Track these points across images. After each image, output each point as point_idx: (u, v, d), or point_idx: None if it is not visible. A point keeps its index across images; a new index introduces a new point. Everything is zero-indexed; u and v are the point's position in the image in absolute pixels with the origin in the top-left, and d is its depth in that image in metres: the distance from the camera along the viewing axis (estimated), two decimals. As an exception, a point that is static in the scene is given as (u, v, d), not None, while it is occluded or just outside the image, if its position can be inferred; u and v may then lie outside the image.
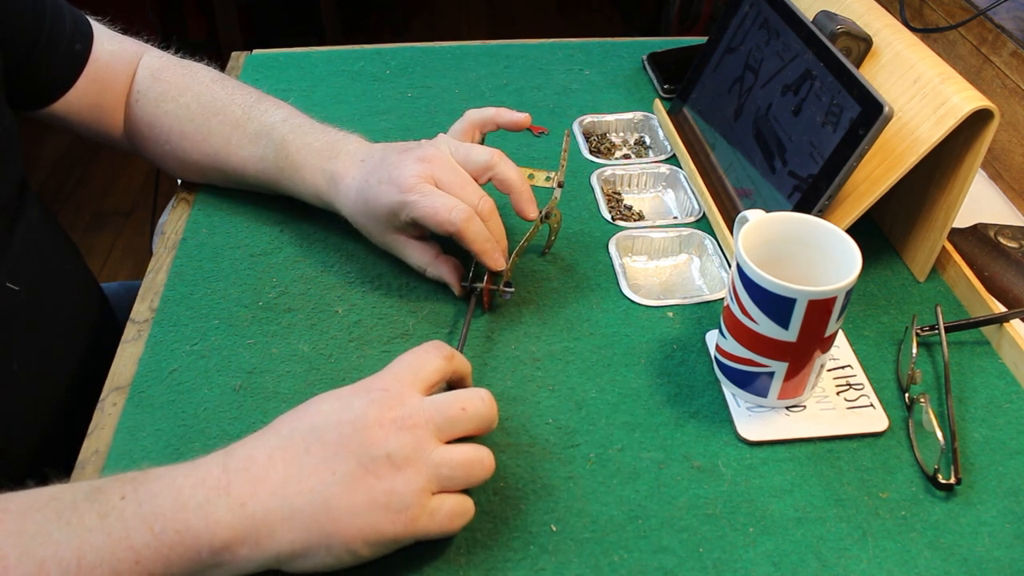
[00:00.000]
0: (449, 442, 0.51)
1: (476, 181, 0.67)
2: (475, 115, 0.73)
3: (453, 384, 0.56)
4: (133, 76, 0.78)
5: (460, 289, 0.69)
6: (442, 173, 0.65)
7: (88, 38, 0.75)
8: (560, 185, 0.72)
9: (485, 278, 0.68)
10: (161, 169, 0.81)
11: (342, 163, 0.69)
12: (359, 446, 0.47)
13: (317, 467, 0.47)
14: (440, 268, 0.69)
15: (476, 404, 0.51)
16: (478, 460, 0.50)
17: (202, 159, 0.76)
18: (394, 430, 0.48)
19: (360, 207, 0.68)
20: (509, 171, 0.67)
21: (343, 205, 0.70)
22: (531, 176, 0.73)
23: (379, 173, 0.66)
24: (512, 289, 0.69)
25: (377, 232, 0.69)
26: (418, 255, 0.69)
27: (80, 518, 0.44)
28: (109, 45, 0.77)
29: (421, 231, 0.68)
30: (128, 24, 0.83)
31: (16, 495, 0.46)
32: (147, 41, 0.82)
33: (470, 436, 0.52)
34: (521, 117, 0.72)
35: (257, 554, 0.46)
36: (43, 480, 0.48)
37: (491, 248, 0.65)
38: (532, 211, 0.68)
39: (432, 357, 0.53)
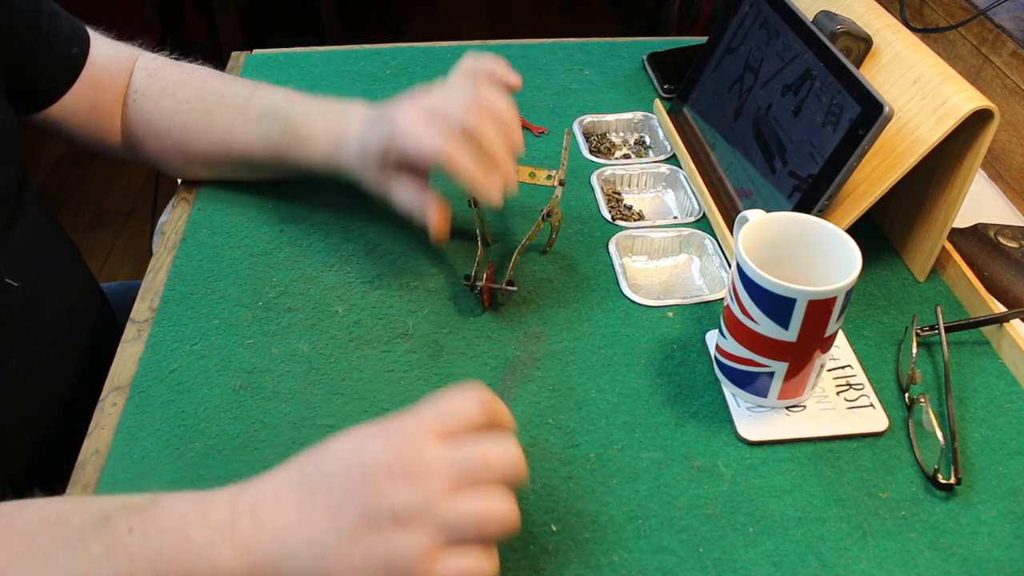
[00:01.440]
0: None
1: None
2: (470, 64, 0.70)
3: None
4: (129, 79, 0.78)
5: (438, 232, 0.67)
6: (432, 103, 0.65)
7: (85, 43, 0.76)
8: (561, 183, 0.72)
9: (485, 276, 0.68)
10: (161, 170, 0.81)
11: (348, 124, 0.71)
12: (364, 497, 0.44)
13: (320, 516, 0.45)
14: (426, 206, 0.67)
15: (502, 459, 0.46)
16: (493, 512, 0.45)
17: (207, 148, 0.76)
18: (403, 482, 0.44)
19: (358, 154, 0.69)
20: (485, 131, 0.64)
21: (347, 160, 0.71)
22: (532, 175, 0.74)
23: (378, 119, 0.68)
24: (514, 288, 0.69)
25: (372, 175, 0.69)
26: (405, 191, 0.68)
27: (86, 547, 0.44)
28: (105, 49, 0.77)
29: (413, 171, 0.68)
30: (128, 24, 0.83)
31: (24, 509, 0.45)
32: (142, 45, 0.82)
33: None
34: (515, 80, 0.69)
35: None
36: (50, 488, 0.47)
37: (477, 175, 0.62)
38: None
39: (467, 405, 0.48)
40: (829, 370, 0.65)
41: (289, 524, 0.45)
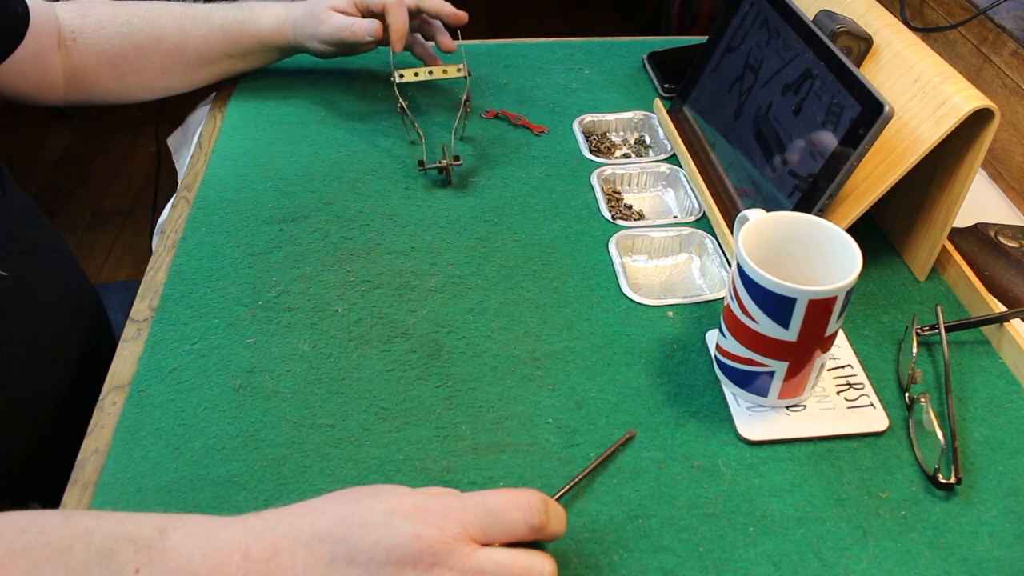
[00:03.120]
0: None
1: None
2: None
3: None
4: (57, 23, 0.80)
5: (372, 32, 0.85)
6: None
7: (23, 2, 0.78)
8: (469, 74, 0.89)
9: (441, 160, 0.82)
10: (111, 101, 0.86)
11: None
12: None
13: None
14: (357, 24, 0.84)
15: (535, 572, 0.45)
16: None
17: (161, 59, 0.83)
18: (426, 574, 0.43)
19: (303, 15, 0.86)
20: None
21: (296, 21, 0.86)
22: (444, 71, 0.89)
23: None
24: (460, 161, 0.83)
25: (319, 18, 0.85)
26: (341, 20, 0.84)
27: None
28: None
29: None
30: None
31: (23, 533, 0.44)
32: None
33: None
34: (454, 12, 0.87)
35: None
36: (50, 489, 0.46)
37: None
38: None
39: (516, 517, 0.45)
40: (829, 370, 0.65)
41: None
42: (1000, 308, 0.70)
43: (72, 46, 0.81)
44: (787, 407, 0.62)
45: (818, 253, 0.60)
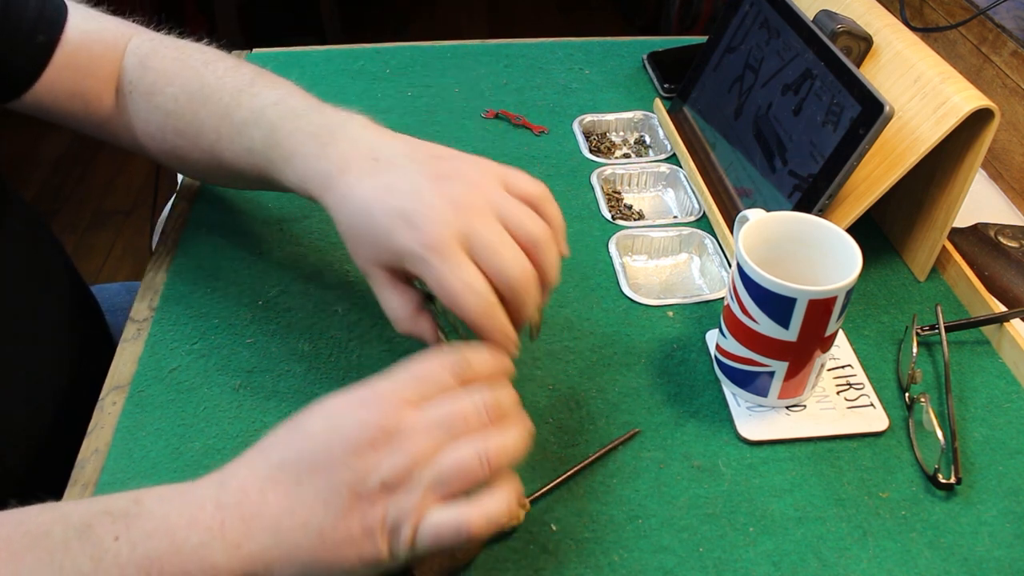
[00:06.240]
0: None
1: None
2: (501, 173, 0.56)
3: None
4: (121, 63, 0.71)
5: (437, 343, 0.57)
6: (477, 232, 0.51)
7: (56, 26, 0.68)
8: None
9: None
10: (171, 170, 0.76)
11: (340, 154, 0.56)
12: (351, 474, 0.45)
13: (309, 499, 0.45)
14: (420, 325, 0.56)
15: (478, 409, 0.47)
16: (476, 461, 0.45)
17: (199, 157, 0.67)
18: (387, 451, 0.45)
19: (358, 225, 0.54)
20: (555, 260, 0.54)
21: (336, 207, 0.56)
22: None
23: (396, 198, 0.53)
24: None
25: (364, 259, 0.56)
26: (397, 304, 0.55)
27: (73, 561, 0.43)
28: (86, 25, 0.70)
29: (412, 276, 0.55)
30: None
31: (3, 525, 0.44)
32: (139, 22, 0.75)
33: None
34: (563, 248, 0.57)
35: None
36: (50, 490, 0.47)
37: (501, 346, 0.53)
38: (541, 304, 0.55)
39: (437, 370, 0.48)
40: (829, 370, 0.65)
41: (281, 514, 0.45)
42: (1000, 308, 0.70)
43: (128, 98, 0.70)
44: (787, 407, 0.62)
45: (818, 253, 0.60)
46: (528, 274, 0.52)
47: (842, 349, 0.67)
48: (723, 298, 0.68)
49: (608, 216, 0.80)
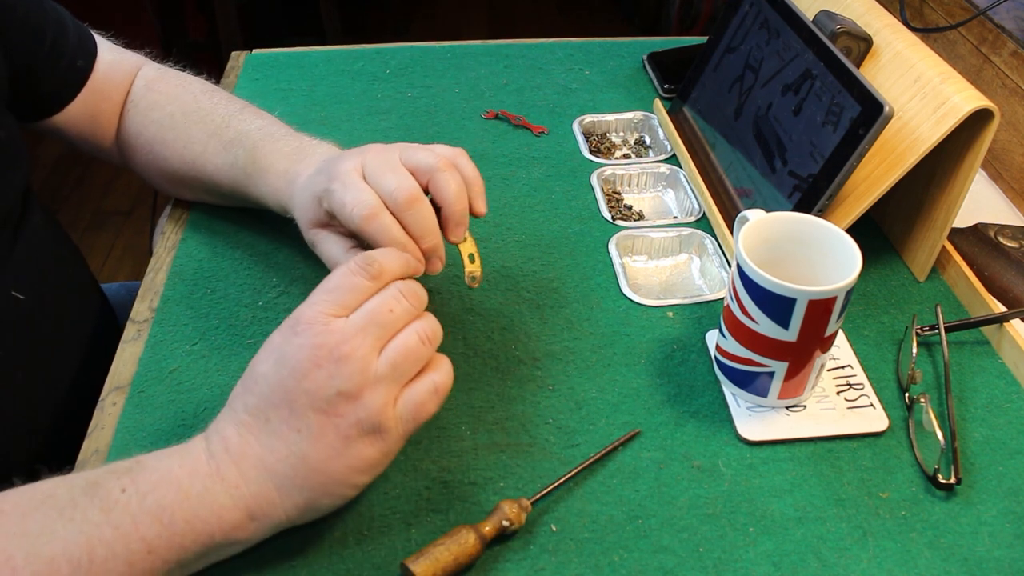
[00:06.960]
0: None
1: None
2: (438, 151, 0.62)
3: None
4: (130, 87, 0.78)
5: None
6: (370, 161, 0.59)
7: (92, 55, 0.75)
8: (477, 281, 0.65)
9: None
10: (148, 183, 0.80)
11: (304, 165, 0.66)
12: (309, 396, 0.48)
13: (282, 432, 0.48)
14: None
15: (399, 301, 0.50)
16: (416, 340, 0.50)
17: (181, 167, 0.74)
18: (334, 365, 0.48)
19: (301, 202, 0.64)
20: (448, 181, 0.59)
21: (291, 201, 0.65)
22: (471, 257, 0.63)
23: (325, 166, 0.62)
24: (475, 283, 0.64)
25: (305, 227, 0.64)
26: (335, 249, 0.62)
27: (83, 514, 0.45)
28: (109, 56, 0.77)
29: (343, 227, 0.61)
30: (127, 24, 0.83)
31: (8, 495, 0.46)
32: (149, 53, 0.82)
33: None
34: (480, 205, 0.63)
35: (266, 524, 0.49)
36: (33, 476, 0.48)
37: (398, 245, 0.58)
38: (458, 234, 0.61)
39: (349, 279, 0.51)
40: (829, 370, 0.65)
41: (262, 452, 0.48)
42: (1000, 308, 0.70)
43: (125, 115, 0.77)
44: (787, 407, 0.62)
45: (818, 253, 0.60)
46: (409, 189, 0.57)
47: (842, 349, 0.67)
48: (723, 298, 0.68)
49: (608, 217, 0.80)
